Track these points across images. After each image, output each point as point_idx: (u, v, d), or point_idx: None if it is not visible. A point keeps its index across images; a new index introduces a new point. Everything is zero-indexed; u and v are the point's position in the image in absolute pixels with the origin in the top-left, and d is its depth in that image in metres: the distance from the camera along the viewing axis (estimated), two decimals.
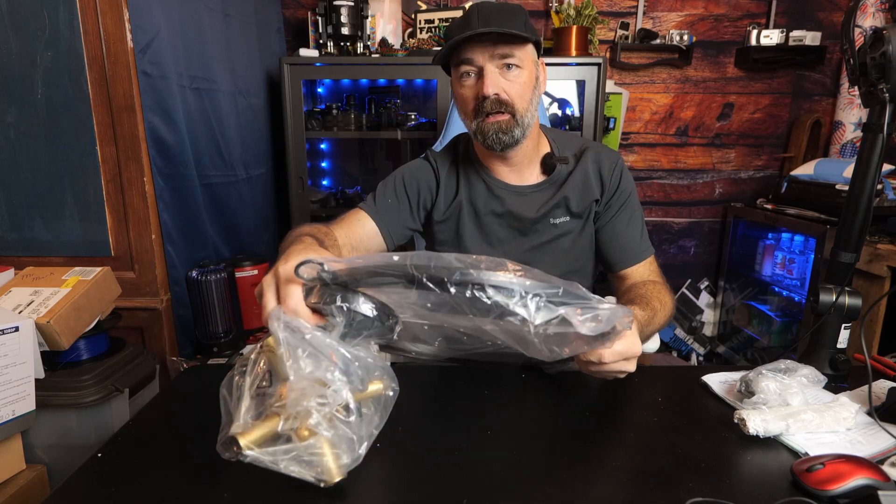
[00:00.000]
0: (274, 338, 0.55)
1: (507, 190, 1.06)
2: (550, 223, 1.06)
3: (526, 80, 0.96)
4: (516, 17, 0.93)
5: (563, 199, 1.05)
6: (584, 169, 1.06)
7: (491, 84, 0.93)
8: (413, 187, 1.08)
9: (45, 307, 1.18)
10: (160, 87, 1.42)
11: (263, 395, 0.56)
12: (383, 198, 1.07)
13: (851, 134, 2.32)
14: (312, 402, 0.53)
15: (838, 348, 0.88)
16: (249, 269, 1.77)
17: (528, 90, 0.97)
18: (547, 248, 1.07)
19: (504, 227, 1.07)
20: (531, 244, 1.07)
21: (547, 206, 1.05)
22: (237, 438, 0.52)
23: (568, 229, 1.07)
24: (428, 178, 1.09)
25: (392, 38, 2.19)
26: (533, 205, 1.06)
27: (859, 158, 0.84)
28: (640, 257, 1.07)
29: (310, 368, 0.54)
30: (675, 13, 2.42)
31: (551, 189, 1.07)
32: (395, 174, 1.11)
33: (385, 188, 1.08)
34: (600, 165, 1.07)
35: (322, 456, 0.54)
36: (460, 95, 0.99)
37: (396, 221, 1.06)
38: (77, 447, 1.21)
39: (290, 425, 0.53)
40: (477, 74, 0.96)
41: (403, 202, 1.08)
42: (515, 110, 0.96)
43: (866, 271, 1.76)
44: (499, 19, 0.91)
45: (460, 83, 0.98)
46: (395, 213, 1.06)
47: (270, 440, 0.53)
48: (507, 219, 1.07)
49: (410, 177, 1.09)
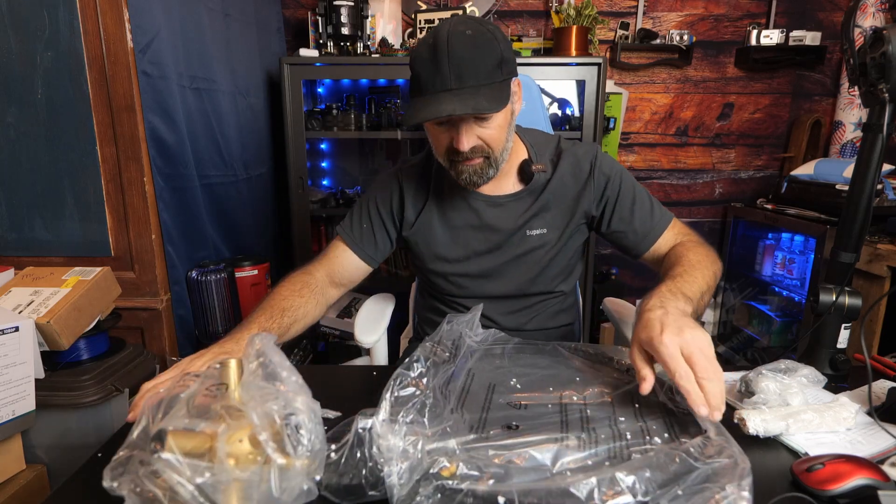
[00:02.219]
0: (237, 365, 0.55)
1: (484, 201, 1.04)
2: (527, 235, 1.04)
3: (501, 122, 0.91)
4: (488, 60, 0.85)
5: (542, 209, 1.03)
6: (562, 175, 1.03)
7: (466, 141, 0.89)
8: (385, 203, 1.09)
9: (45, 307, 1.18)
10: (160, 87, 1.42)
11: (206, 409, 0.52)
12: (359, 223, 1.08)
13: (851, 134, 2.32)
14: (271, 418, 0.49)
15: (838, 348, 0.88)
16: (249, 269, 1.77)
17: (503, 132, 0.93)
18: (522, 259, 1.06)
19: (481, 240, 1.06)
20: (506, 256, 1.06)
21: (525, 215, 1.03)
22: (168, 436, 0.47)
23: (544, 241, 1.04)
24: (392, 190, 1.08)
25: (392, 38, 2.19)
26: (511, 215, 1.04)
27: (859, 158, 0.84)
28: (660, 230, 1.02)
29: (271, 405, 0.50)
30: (675, 13, 2.42)
31: (529, 198, 1.04)
32: (367, 194, 1.11)
33: (360, 211, 1.09)
34: (579, 166, 1.04)
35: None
36: (433, 135, 0.95)
37: (373, 245, 1.08)
38: (77, 447, 1.21)
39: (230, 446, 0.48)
40: (449, 122, 0.90)
41: (377, 223, 1.08)
42: (491, 153, 0.93)
43: (866, 271, 1.76)
44: (473, 70, 0.83)
45: (433, 126, 0.92)
46: (369, 237, 1.08)
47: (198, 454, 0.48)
48: (484, 232, 1.05)
49: (378, 194, 1.09)
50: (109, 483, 0.48)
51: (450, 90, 0.84)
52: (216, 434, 0.47)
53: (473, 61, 0.84)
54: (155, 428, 0.48)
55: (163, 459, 0.46)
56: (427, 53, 0.85)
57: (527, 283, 1.08)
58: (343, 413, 0.68)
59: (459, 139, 0.89)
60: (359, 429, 0.53)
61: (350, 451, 0.53)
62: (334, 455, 0.54)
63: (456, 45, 0.83)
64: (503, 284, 1.08)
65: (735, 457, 0.52)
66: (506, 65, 0.88)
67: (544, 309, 1.12)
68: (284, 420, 0.50)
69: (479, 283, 1.09)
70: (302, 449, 0.50)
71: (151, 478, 0.47)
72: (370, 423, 0.53)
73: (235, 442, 0.48)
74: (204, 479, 0.46)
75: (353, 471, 0.52)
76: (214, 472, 0.46)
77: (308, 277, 1.01)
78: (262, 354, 0.55)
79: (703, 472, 0.50)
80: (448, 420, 0.61)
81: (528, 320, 1.11)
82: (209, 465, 0.46)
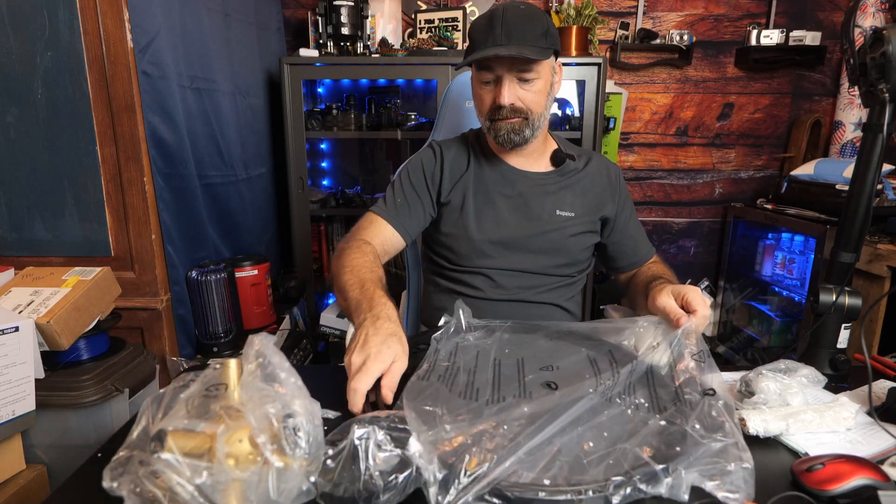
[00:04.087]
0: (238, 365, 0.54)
1: (518, 174, 1.12)
2: (557, 214, 1.11)
3: (541, 88, 1.02)
4: (537, 28, 0.97)
5: (572, 193, 1.12)
6: (592, 171, 1.15)
7: (508, 95, 0.99)
8: (418, 177, 1.12)
9: (45, 307, 1.18)
10: (160, 87, 1.42)
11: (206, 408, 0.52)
12: (392, 199, 1.11)
13: (851, 134, 2.32)
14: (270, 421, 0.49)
15: (838, 348, 0.88)
16: (249, 269, 1.77)
17: (542, 97, 1.03)
18: (548, 237, 1.10)
19: (511, 209, 1.11)
20: (534, 231, 1.10)
21: (555, 194, 1.12)
22: (168, 436, 0.47)
23: (571, 224, 1.11)
24: (430, 162, 1.14)
25: (392, 38, 2.19)
26: (541, 190, 1.12)
27: (859, 158, 0.84)
28: (650, 255, 1.18)
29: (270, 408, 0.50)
30: (675, 13, 2.42)
31: (560, 180, 1.13)
32: (401, 172, 1.16)
33: (393, 189, 1.13)
34: (608, 172, 1.16)
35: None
36: (478, 95, 1.05)
37: (409, 219, 1.10)
38: (77, 447, 1.21)
39: (229, 446, 0.48)
40: (495, 81, 1.01)
41: (412, 197, 1.11)
42: (529, 114, 1.02)
43: (866, 271, 1.76)
44: (521, 33, 0.96)
45: (479, 84, 1.03)
46: (405, 211, 1.10)
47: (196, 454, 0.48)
48: (515, 200, 1.11)
49: (414, 168, 1.14)
50: (109, 483, 0.48)
51: (500, 45, 0.96)
52: (216, 434, 0.47)
53: (523, 27, 0.96)
54: (155, 428, 0.48)
55: (162, 460, 0.46)
56: (483, 20, 0.99)
57: (546, 259, 1.11)
58: (343, 413, 0.68)
59: (501, 93, 0.99)
60: (355, 439, 0.52)
61: (345, 461, 0.52)
62: (331, 462, 0.53)
63: (509, 13, 0.97)
64: (524, 258, 1.11)
65: (735, 436, 0.58)
66: (550, 37, 1.00)
67: (555, 289, 1.14)
68: (283, 422, 0.50)
69: (502, 252, 1.10)
70: (300, 451, 0.50)
71: (151, 478, 0.47)
72: (365, 433, 0.53)
73: (235, 442, 0.48)
74: (203, 480, 0.46)
75: (347, 483, 0.51)
76: (214, 473, 0.46)
77: (372, 248, 1.00)
78: (261, 355, 0.55)
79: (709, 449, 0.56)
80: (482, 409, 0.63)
81: (540, 294, 1.13)
82: (208, 465, 0.46)
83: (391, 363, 0.68)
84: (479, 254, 1.11)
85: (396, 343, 0.71)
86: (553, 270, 1.12)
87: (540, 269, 1.12)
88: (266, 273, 1.83)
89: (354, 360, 0.69)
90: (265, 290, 1.83)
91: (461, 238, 1.11)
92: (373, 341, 0.70)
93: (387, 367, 0.68)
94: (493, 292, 1.11)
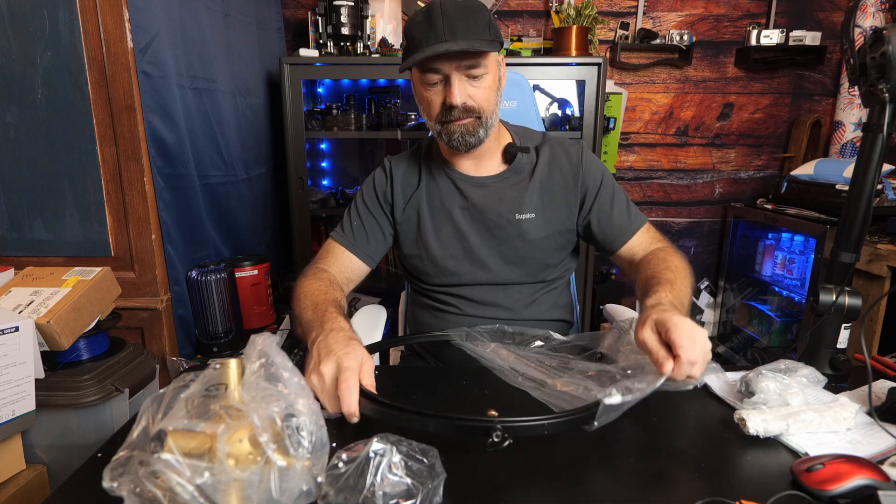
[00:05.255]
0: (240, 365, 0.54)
1: (469, 182, 1.06)
2: (516, 218, 1.04)
3: (490, 83, 0.96)
4: (480, 20, 0.91)
5: (530, 194, 1.05)
6: (548, 160, 1.07)
7: (459, 94, 0.93)
8: (371, 198, 1.10)
9: (45, 307, 1.18)
10: (160, 87, 1.42)
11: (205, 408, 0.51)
12: (349, 223, 1.09)
13: (851, 134, 2.32)
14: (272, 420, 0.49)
15: (838, 348, 0.88)
16: (249, 269, 1.76)
17: (492, 93, 0.98)
18: (511, 245, 1.05)
19: (468, 220, 1.06)
20: (495, 241, 1.05)
21: (512, 199, 1.04)
22: (168, 436, 0.47)
23: (533, 227, 1.04)
24: (381, 181, 1.10)
25: (392, 38, 2.19)
26: (496, 196, 1.05)
27: (859, 158, 0.84)
28: (634, 228, 1.06)
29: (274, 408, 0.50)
30: (675, 13, 2.42)
31: (514, 179, 1.06)
32: (356, 194, 1.12)
33: (349, 213, 1.10)
34: (567, 155, 1.07)
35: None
36: (425, 98, 0.98)
37: (367, 244, 1.07)
38: (77, 447, 1.21)
39: (229, 446, 0.47)
40: (443, 81, 0.95)
41: (367, 219, 1.08)
42: (482, 113, 0.97)
43: (866, 271, 1.76)
44: (465, 25, 0.90)
45: (425, 87, 0.97)
46: (361, 235, 1.07)
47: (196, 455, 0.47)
48: (470, 211, 1.06)
49: (367, 189, 1.11)
50: (109, 483, 0.48)
51: (444, 42, 0.89)
52: (216, 434, 0.47)
53: (465, 21, 0.90)
54: (155, 428, 0.48)
55: (162, 460, 0.46)
56: (420, 16, 0.92)
57: (515, 270, 1.06)
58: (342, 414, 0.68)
59: (452, 92, 0.93)
60: (370, 451, 0.52)
61: (355, 470, 0.52)
62: (342, 466, 0.52)
63: (448, 7, 0.90)
64: (493, 272, 1.06)
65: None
66: (492, 29, 0.94)
67: (536, 300, 1.09)
68: (285, 421, 0.50)
69: (469, 268, 1.06)
70: (302, 450, 0.50)
71: (151, 478, 0.46)
72: (383, 449, 0.52)
73: (235, 442, 0.48)
74: (203, 480, 0.46)
75: (349, 493, 0.51)
76: (214, 473, 0.46)
77: (328, 275, 0.98)
78: (264, 355, 0.55)
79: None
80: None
81: (522, 308, 1.09)
82: (209, 465, 0.46)
83: (362, 363, 0.66)
84: (445, 272, 1.07)
85: (357, 345, 0.69)
86: (526, 279, 1.07)
87: (513, 280, 1.07)
88: (266, 273, 1.83)
89: (324, 369, 0.65)
90: (265, 290, 1.83)
91: (424, 258, 1.07)
92: (335, 347, 0.67)
93: (360, 364, 0.66)
94: (472, 309, 1.07)
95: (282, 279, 2.09)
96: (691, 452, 0.66)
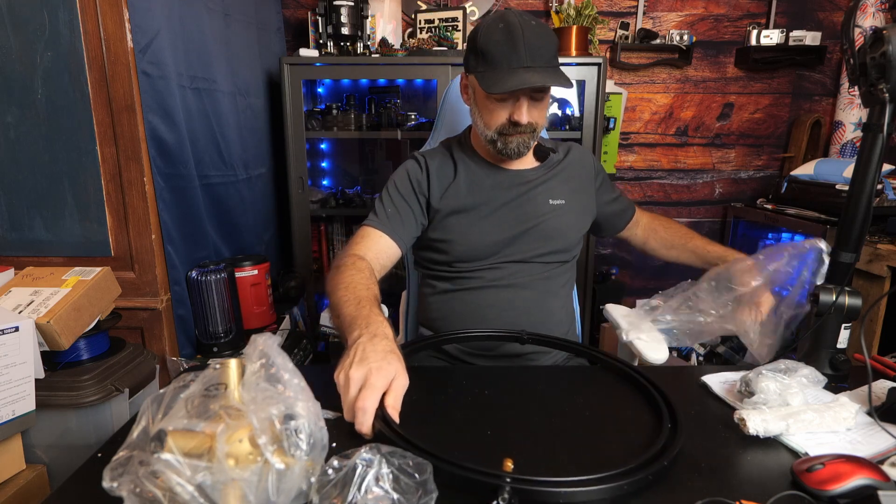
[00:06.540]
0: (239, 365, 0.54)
1: (513, 175, 1.17)
2: (550, 203, 1.16)
3: (547, 103, 1.09)
4: (552, 47, 1.02)
5: (560, 182, 1.18)
6: (573, 160, 1.23)
7: (527, 115, 1.04)
8: (406, 187, 1.14)
9: (45, 307, 1.18)
10: (160, 87, 1.42)
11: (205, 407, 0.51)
12: (383, 210, 1.12)
13: (851, 134, 2.32)
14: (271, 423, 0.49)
15: (838, 348, 0.88)
16: (249, 269, 1.76)
17: (546, 112, 1.10)
18: (546, 224, 1.14)
19: (511, 209, 1.14)
20: (533, 223, 1.14)
21: (546, 186, 1.17)
22: (168, 436, 0.47)
23: (563, 211, 1.16)
24: (416, 171, 1.16)
25: (392, 38, 2.18)
26: (534, 185, 1.16)
27: (859, 158, 0.84)
28: (633, 209, 1.32)
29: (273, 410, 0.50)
30: (675, 13, 2.42)
31: (546, 173, 1.19)
32: (388, 184, 1.16)
33: (383, 201, 1.14)
34: (583, 158, 1.25)
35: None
36: (489, 109, 1.06)
37: (402, 227, 1.11)
38: (77, 447, 1.21)
39: (229, 446, 0.47)
40: (512, 99, 1.03)
41: (402, 206, 1.12)
42: (537, 128, 1.08)
43: (866, 271, 1.76)
44: (543, 54, 0.99)
45: (491, 100, 1.04)
46: (397, 220, 1.10)
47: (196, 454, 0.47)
48: (514, 200, 1.14)
49: (401, 178, 1.15)
50: (109, 483, 0.48)
51: (526, 67, 0.98)
52: (216, 434, 0.47)
53: (543, 47, 1.00)
54: (155, 428, 0.48)
55: (162, 460, 0.46)
56: (500, 36, 0.99)
57: (543, 245, 1.15)
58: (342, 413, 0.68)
59: (521, 113, 1.03)
60: (358, 460, 0.51)
61: (342, 479, 0.51)
62: (331, 472, 0.51)
63: (527, 30, 0.99)
64: (522, 249, 1.14)
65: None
66: (557, 54, 1.05)
67: (546, 282, 1.16)
68: (284, 423, 0.50)
69: (502, 248, 1.13)
70: (301, 452, 0.50)
71: (151, 478, 0.46)
72: (371, 459, 0.51)
73: (235, 442, 0.48)
74: (203, 480, 0.46)
75: (332, 500, 0.50)
76: (214, 473, 0.46)
77: (366, 264, 0.99)
78: (264, 356, 0.55)
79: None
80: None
81: (530, 287, 1.15)
82: (208, 465, 0.46)
83: (392, 380, 0.67)
84: (481, 255, 1.13)
85: (396, 360, 0.69)
86: (548, 258, 1.16)
87: (535, 258, 1.15)
88: (266, 273, 1.83)
89: (353, 374, 0.66)
90: (265, 290, 1.83)
91: (461, 243, 1.13)
92: (372, 357, 0.68)
93: (388, 383, 0.66)
94: (490, 281, 1.14)
95: (282, 279, 2.09)
96: (691, 452, 0.66)
